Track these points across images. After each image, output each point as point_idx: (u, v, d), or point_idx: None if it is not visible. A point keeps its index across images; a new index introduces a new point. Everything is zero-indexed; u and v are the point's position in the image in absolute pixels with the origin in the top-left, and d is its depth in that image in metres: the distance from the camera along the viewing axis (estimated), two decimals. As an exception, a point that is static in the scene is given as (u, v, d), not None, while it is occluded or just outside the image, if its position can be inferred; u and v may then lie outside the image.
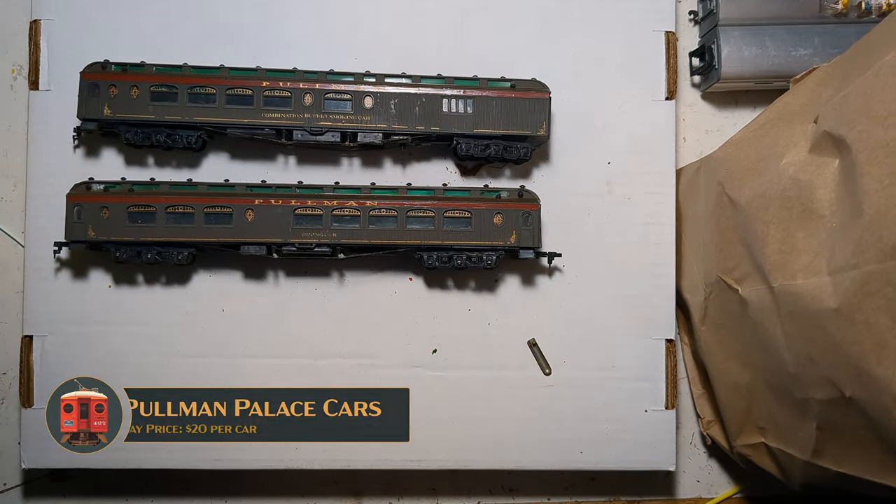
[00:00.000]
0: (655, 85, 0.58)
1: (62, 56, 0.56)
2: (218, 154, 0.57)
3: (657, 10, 0.58)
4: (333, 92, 0.54)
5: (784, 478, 0.52)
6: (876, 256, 0.36)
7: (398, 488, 0.60)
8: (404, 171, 0.57)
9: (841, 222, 0.40)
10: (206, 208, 0.53)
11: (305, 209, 0.54)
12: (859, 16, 0.59)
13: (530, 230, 0.54)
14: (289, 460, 0.55)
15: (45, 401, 0.50)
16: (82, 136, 0.56)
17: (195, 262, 0.56)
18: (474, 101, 0.55)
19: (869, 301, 0.36)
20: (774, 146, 0.47)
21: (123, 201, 0.53)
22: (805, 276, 0.42)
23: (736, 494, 0.62)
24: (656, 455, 0.57)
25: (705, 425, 0.60)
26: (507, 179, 0.58)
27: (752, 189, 0.48)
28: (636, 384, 0.57)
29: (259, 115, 0.54)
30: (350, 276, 0.57)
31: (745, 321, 0.49)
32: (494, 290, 0.57)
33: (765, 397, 0.50)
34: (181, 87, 0.53)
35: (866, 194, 0.36)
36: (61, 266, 0.56)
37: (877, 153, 0.36)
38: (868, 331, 0.37)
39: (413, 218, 0.54)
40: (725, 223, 0.51)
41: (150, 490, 0.59)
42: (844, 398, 0.40)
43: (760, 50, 0.59)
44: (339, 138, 0.54)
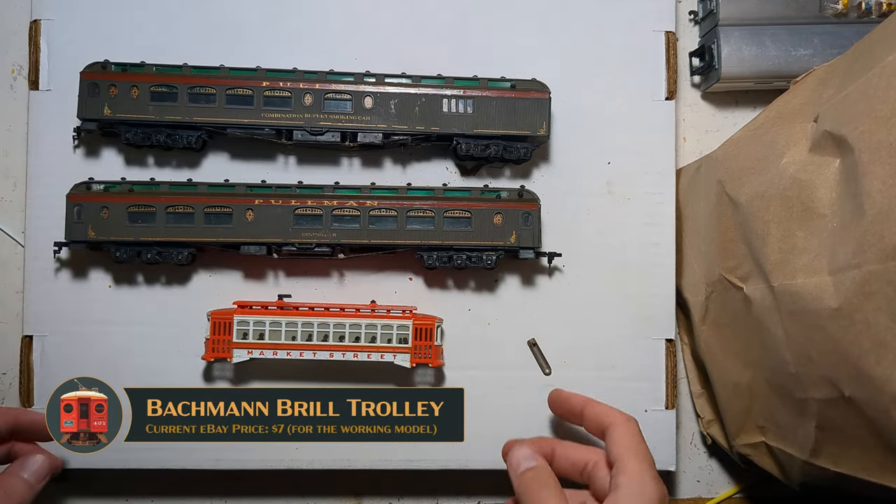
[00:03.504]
0: (655, 85, 0.58)
1: (62, 56, 0.55)
2: (218, 154, 0.57)
3: (657, 10, 0.58)
4: (333, 92, 0.54)
5: (784, 477, 0.52)
6: (877, 256, 0.36)
7: (398, 488, 0.60)
8: (404, 171, 0.57)
9: (841, 222, 0.40)
10: (206, 208, 0.53)
11: (305, 209, 0.54)
12: (859, 16, 0.59)
13: (530, 230, 0.54)
14: (289, 460, 0.55)
15: (45, 401, 0.50)
16: (82, 136, 0.55)
17: (195, 262, 0.56)
18: (474, 101, 0.55)
19: (869, 301, 0.36)
20: (774, 145, 0.47)
21: (123, 201, 0.53)
22: (805, 275, 0.42)
23: (736, 494, 0.62)
24: (656, 455, 0.56)
25: (705, 425, 0.60)
26: (507, 179, 0.58)
27: (752, 188, 0.48)
28: (636, 384, 0.57)
29: (259, 115, 0.54)
30: (350, 276, 0.57)
31: (747, 320, 0.49)
32: (494, 290, 0.57)
33: (765, 397, 0.50)
34: (181, 87, 0.53)
35: (868, 194, 0.37)
36: (61, 266, 0.56)
37: (880, 153, 0.36)
38: (868, 331, 0.37)
39: (413, 218, 0.54)
40: (726, 222, 0.51)
41: (150, 490, 0.59)
42: (844, 398, 0.40)
43: (760, 50, 0.59)
44: (339, 138, 0.54)
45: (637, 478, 0.43)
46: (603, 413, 0.48)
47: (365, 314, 0.53)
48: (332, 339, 0.52)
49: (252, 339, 0.52)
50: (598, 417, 0.48)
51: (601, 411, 0.48)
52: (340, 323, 0.52)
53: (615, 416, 0.47)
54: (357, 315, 0.53)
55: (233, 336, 0.51)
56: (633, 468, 0.43)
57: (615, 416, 0.47)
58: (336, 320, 0.52)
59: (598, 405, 0.49)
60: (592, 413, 0.49)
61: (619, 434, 0.46)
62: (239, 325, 0.51)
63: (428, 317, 0.54)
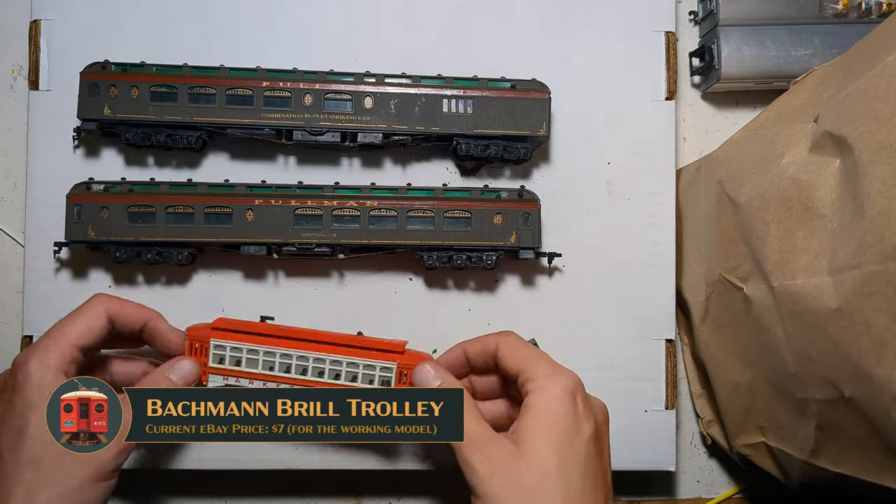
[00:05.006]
0: (655, 85, 0.58)
1: (62, 56, 0.55)
2: (218, 154, 0.57)
3: (657, 10, 0.58)
4: (333, 92, 0.54)
5: (784, 478, 0.52)
6: (877, 257, 0.36)
7: (398, 488, 0.60)
8: (404, 171, 0.57)
9: (841, 222, 0.40)
10: (206, 208, 0.53)
11: (305, 209, 0.54)
12: (859, 16, 0.59)
13: (530, 230, 0.54)
14: (289, 460, 0.55)
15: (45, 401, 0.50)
16: (82, 136, 0.55)
17: (195, 262, 0.56)
18: (474, 102, 0.55)
19: (869, 301, 0.36)
20: (774, 145, 0.47)
21: (123, 201, 0.53)
22: (805, 275, 0.42)
23: (736, 494, 0.62)
24: (656, 455, 0.57)
25: (705, 425, 0.60)
26: (507, 179, 0.58)
27: (752, 188, 0.48)
28: (636, 384, 0.57)
29: (259, 115, 0.54)
30: (350, 276, 0.57)
31: (747, 320, 0.49)
32: (494, 290, 0.57)
33: (765, 397, 0.50)
34: (181, 87, 0.53)
35: (868, 195, 0.37)
36: (61, 266, 0.56)
37: (880, 154, 0.36)
38: (868, 331, 0.37)
39: (413, 218, 0.54)
40: (726, 222, 0.51)
41: (150, 490, 0.59)
42: (843, 398, 0.40)
43: (760, 50, 0.59)
44: (339, 138, 0.54)
45: (543, 378, 0.43)
46: (482, 343, 0.48)
47: (349, 348, 0.50)
48: (310, 374, 0.50)
49: (228, 364, 0.50)
50: (483, 348, 0.48)
51: (481, 342, 0.48)
52: (321, 358, 0.50)
53: (492, 336, 0.48)
54: (339, 350, 0.50)
55: (209, 360, 0.50)
56: (535, 373, 0.43)
57: (493, 336, 0.48)
58: (316, 354, 0.50)
59: (473, 341, 0.49)
60: (473, 351, 0.49)
61: (507, 349, 0.46)
62: (216, 349, 0.50)
63: (416, 354, 0.51)
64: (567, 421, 0.41)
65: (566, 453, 0.40)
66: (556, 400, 0.42)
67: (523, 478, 0.40)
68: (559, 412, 0.41)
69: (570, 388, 0.42)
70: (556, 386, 0.42)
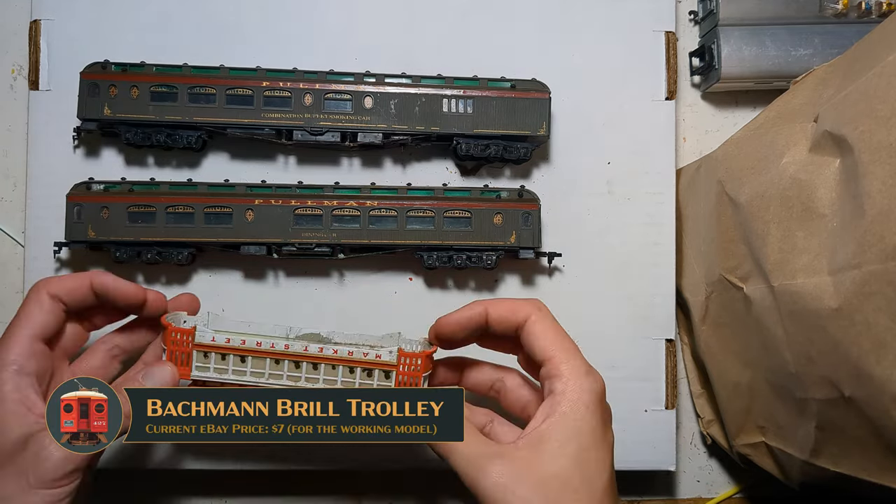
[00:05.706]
0: (655, 85, 0.58)
1: (62, 56, 0.55)
2: (218, 154, 0.57)
3: (657, 10, 0.58)
4: (333, 92, 0.54)
5: (784, 477, 0.52)
6: (877, 257, 0.36)
7: (398, 488, 0.60)
8: (404, 171, 0.57)
9: (841, 222, 0.40)
10: (206, 208, 0.53)
11: (305, 209, 0.54)
12: (859, 16, 0.59)
13: (530, 230, 0.54)
14: (289, 460, 0.55)
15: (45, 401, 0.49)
16: (82, 136, 0.55)
17: (195, 262, 0.56)
18: (474, 101, 0.55)
19: (869, 301, 0.36)
20: (774, 145, 0.47)
21: (123, 201, 0.53)
22: (805, 275, 0.42)
23: (736, 494, 0.62)
24: (656, 455, 0.57)
25: (705, 425, 0.60)
26: (507, 179, 0.58)
27: (752, 188, 0.48)
28: (636, 384, 0.57)
29: (259, 115, 0.54)
30: (350, 276, 0.57)
31: (747, 319, 0.49)
32: (494, 290, 0.57)
33: (765, 397, 0.50)
34: (181, 87, 0.53)
35: (868, 195, 0.37)
36: (61, 266, 0.55)
37: (880, 154, 0.36)
38: (868, 331, 0.37)
39: (413, 218, 0.54)
40: (726, 222, 0.51)
41: (150, 490, 0.59)
42: (844, 398, 0.40)
43: (760, 50, 0.59)
44: (339, 138, 0.54)
45: (574, 379, 0.40)
46: (510, 309, 0.43)
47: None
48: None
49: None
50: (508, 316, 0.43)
51: (509, 308, 0.43)
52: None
53: (524, 306, 0.43)
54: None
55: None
56: (566, 370, 0.40)
57: (526, 307, 0.43)
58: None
59: (499, 303, 0.43)
60: (497, 314, 0.43)
61: (539, 329, 0.42)
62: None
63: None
64: (596, 434, 0.39)
65: (592, 468, 0.39)
66: (587, 410, 0.40)
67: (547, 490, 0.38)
68: (589, 423, 0.39)
69: (600, 394, 0.40)
70: (587, 393, 0.40)
